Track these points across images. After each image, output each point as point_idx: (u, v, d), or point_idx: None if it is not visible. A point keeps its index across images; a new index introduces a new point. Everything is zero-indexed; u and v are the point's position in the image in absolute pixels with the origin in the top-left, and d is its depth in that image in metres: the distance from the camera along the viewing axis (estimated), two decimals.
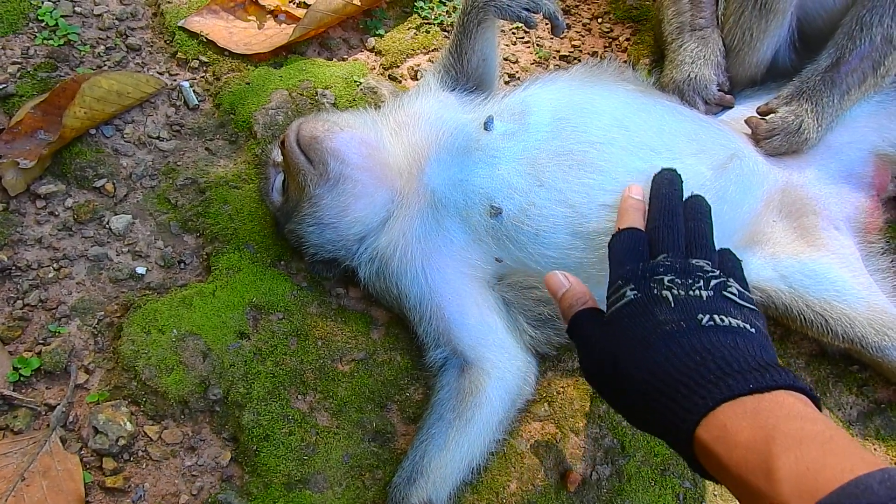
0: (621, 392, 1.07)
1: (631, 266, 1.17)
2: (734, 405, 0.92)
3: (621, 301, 1.12)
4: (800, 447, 0.83)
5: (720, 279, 1.12)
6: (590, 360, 1.15)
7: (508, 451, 1.51)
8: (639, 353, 1.04)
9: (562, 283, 1.26)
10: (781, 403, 0.91)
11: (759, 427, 0.88)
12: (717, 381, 0.94)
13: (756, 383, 0.93)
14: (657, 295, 1.09)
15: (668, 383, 0.98)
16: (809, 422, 0.88)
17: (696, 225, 1.26)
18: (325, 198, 1.49)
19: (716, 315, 1.04)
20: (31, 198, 1.68)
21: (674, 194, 1.31)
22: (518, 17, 1.55)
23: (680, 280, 1.10)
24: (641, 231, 1.26)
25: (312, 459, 1.45)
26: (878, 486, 0.74)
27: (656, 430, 1.03)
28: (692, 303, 1.06)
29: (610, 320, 1.13)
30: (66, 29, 1.92)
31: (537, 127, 1.51)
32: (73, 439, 1.44)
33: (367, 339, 1.61)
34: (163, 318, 1.52)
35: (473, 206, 1.48)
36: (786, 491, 0.80)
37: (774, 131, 1.60)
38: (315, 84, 1.90)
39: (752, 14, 1.65)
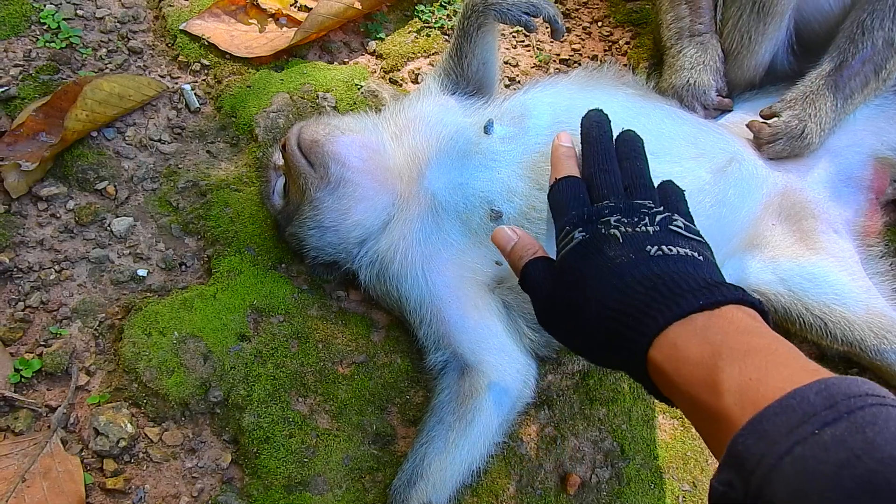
0: (577, 330, 1.08)
1: (576, 211, 1.16)
2: (684, 323, 0.93)
3: (571, 244, 1.12)
4: (744, 360, 0.84)
5: (665, 214, 1.12)
6: (544, 305, 1.16)
7: (508, 454, 1.52)
8: (591, 289, 1.04)
9: (510, 237, 1.25)
10: (730, 319, 0.91)
11: (708, 343, 0.88)
12: (668, 302, 0.95)
13: (705, 299, 0.94)
14: (605, 234, 1.09)
15: (621, 311, 0.99)
16: (756, 335, 0.88)
17: (632, 164, 1.25)
18: (325, 201, 1.50)
19: (664, 246, 1.05)
20: (33, 200, 1.68)
21: (604, 136, 1.30)
22: (518, 21, 1.56)
23: (626, 219, 1.11)
24: (578, 178, 1.24)
25: (313, 462, 1.45)
26: (815, 396, 0.74)
27: (614, 360, 1.05)
28: (640, 237, 1.07)
29: (560, 263, 1.13)
30: (67, 32, 1.92)
31: (537, 130, 1.52)
32: (73, 441, 1.44)
33: (368, 342, 1.61)
34: (164, 321, 1.53)
35: (474, 210, 1.48)
36: (729, 402, 0.80)
37: (777, 135, 1.60)
38: (316, 87, 1.91)
39: (751, 17, 1.66)
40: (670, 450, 1.56)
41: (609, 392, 1.60)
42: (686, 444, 1.57)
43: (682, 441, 1.57)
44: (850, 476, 0.67)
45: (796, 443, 0.72)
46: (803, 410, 0.74)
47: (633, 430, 1.56)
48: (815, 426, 0.72)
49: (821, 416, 0.72)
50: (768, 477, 0.72)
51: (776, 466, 0.72)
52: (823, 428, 0.71)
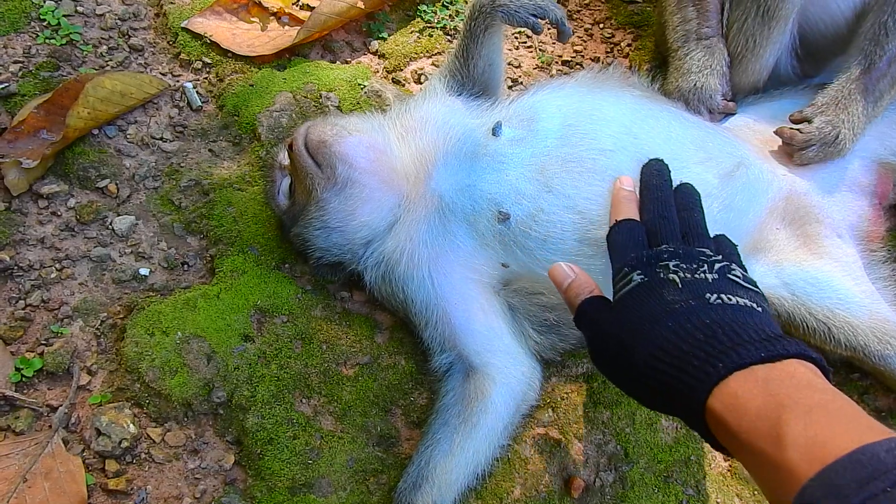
0: (631, 373, 1.07)
1: (635, 254, 1.17)
2: (746, 374, 0.93)
3: (629, 286, 1.13)
4: (809, 415, 0.84)
5: (724, 263, 1.13)
6: (598, 346, 1.15)
7: (513, 457, 1.51)
8: (648, 332, 1.04)
9: (567, 273, 1.26)
10: (792, 373, 0.92)
11: (770, 395, 0.88)
12: (728, 351, 0.95)
13: (767, 352, 0.94)
14: (664, 278, 1.10)
15: (678, 357, 0.99)
16: (819, 391, 0.89)
17: (689, 215, 1.28)
18: (332, 201, 1.49)
19: (723, 294, 1.05)
20: (34, 198, 1.66)
21: (664, 185, 1.33)
22: (525, 22, 1.55)
23: (685, 264, 1.11)
24: (638, 222, 1.27)
25: (317, 463, 1.45)
26: (885, 454, 0.75)
27: (668, 406, 1.04)
28: (699, 284, 1.08)
29: (617, 304, 1.14)
30: (68, 28, 1.91)
31: (546, 133, 1.51)
32: (75, 441, 1.43)
33: (372, 344, 1.60)
34: (166, 320, 1.51)
35: (481, 212, 1.48)
36: (794, 457, 0.81)
37: (811, 142, 1.60)
38: (319, 87, 1.90)
39: (756, 21, 1.67)
40: (674, 453, 1.56)
41: (613, 395, 1.59)
42: (689, 447, 1.57)
43: (685, 445, 1.57)
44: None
45: (867, 498, 0.72)
46: (874, 467, 0.74)
47: (636, 433, 1.56)
48: (886, 483, 0.72)
49: (893, 474, 0.73)
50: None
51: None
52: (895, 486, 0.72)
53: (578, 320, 1.21)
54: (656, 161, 1.39)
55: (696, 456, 1.56)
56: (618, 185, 1.37)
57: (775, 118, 1.71)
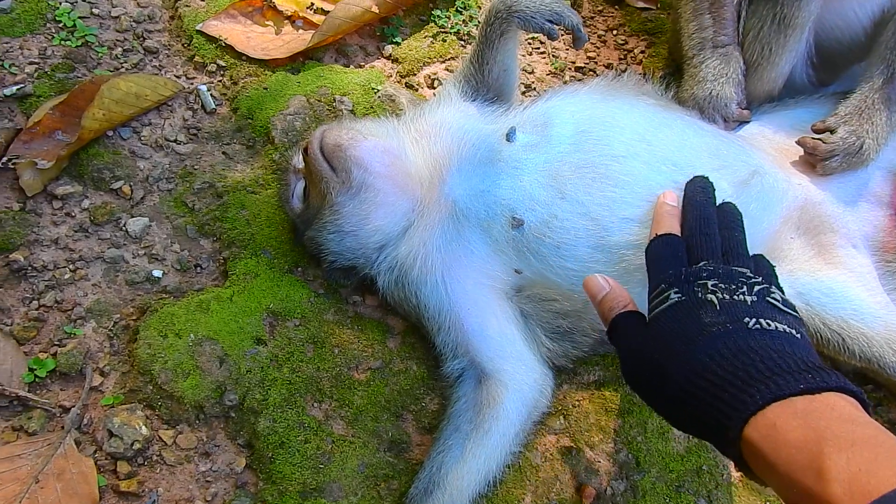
0: (664, 395, 1.06)
1: (674, 270, 1.16)
2: (784, 405, 0.91)
3: (665, 304, 1.11)
4: (852, 449, 0.83)
5: (763, 285, 1.11)
6: (631, 363, 1.13)
7: (524, 464, 1.51)
8: (684, 354, 1.02)
9: (602, 286, 1.24)
10: (832, 406, 0.90)
11: (810, 428, 0.87)
12: (767, 381, 0.93)
13: (807, 384, 0.92)
14: (702, 298, 1.08)
15: (714, 383, 0.97)
16: (861, 425, 0.88)
17: (731, 234, 1.27)
18: (346, 206, 1.49)
19: (762, 319, 1.03)
20: (48, 198, 1.67)
21: (707, 202, 1.33)
22: (541, 28, 1.55)
23: (724, 285, 1.10)
24: (678, 237, 1.26)
25: (328, 468, 1.44)
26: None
27: (702, 430, 1.02)
28: (738, 307, 1.06)
29: (653, 322, 1.12)
30: (83, 30, 1.91)
31: (560, 139, 1.51)
32: (87, 442, 1.43)
33: (384, 348, 1.60)
34: (179, 323, 1.51)
35: (495, 218, 1.48)
36: (838, 491, 0.80)
37: (834, 152, 1.59)
38: (333, 91, 1.90)
39: (772, 29, 1.66)
40: (686, 463, 1.55)
41: (625, 403, 1.59)
42: (702, 457, 1.56)
43: (697, 454, 1.57)
44: None
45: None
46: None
47: (648, 442, 1.56)
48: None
49: None
50: None
51: None
52: None
53: (611, 335, 1.19)
54: (701, 178, 1.38)
55: (709, 466, 1.55)
56: (661, 200, 1.37)
57: (791, 127, 1.71)
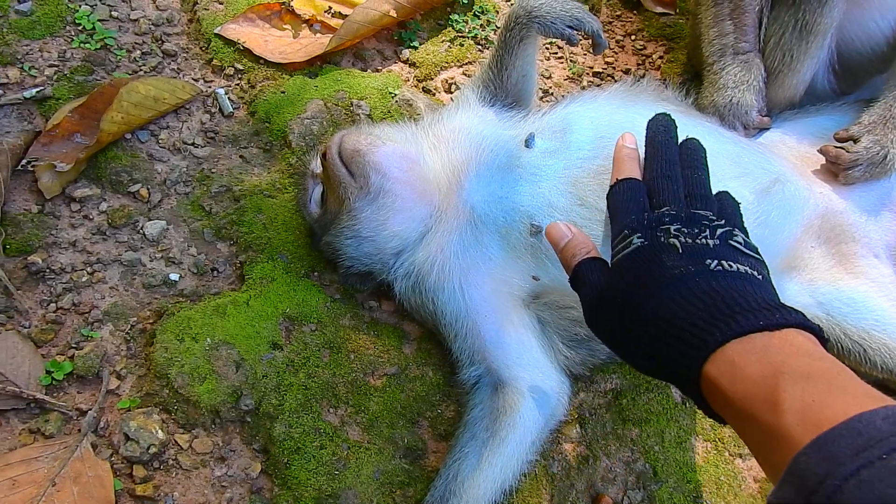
0: (627, 337, 1.07)
1: (636, 216, 1.15)
2: (743, 342, 0.92)
3: (628, 248, 1.11)
4: (806, 381, 0.84)
5: (726, 228, 1.11)
6: (593, 308, 1.14)
7: (540, 473, 1.50)
8: (646, 297, 1.04)
9: (564, 233, 1.24)
10: (791, 341, 0.91)
11: (767, 362, 0.88)
12: (727, 319, 0.94)
13: (766, 321, 0.93)
14: (664, 243, 1.08)
15: (675, 324, 0.98)
16: (817, 359, 0.88)
17: (694, 173, 1.24)
18: (364, 211, 1.49)
19: (724, 261, 1.04)
20: (66, 201, 1.67)
21: (670, 141, 1.30)
22: (561, 34, 1.55)
23: (686, 229, 1.10)
24: (640, 181, 1.24)
25: (343, 474, 1.44)
26: (882, 421, 0.74)
27: (664, 371, 1.04)
28: (700, 249, 1.06)
29: (615, 267, 1.12)
30: (102, 33, 1.92)
31: (579, 145, 1.50)
32: (103, 445, 1.43)
33: (400, 354, 1.60)
34: (196, 326, 1.51)
35: (513, 224, 1.47)
36: (790, 422, 0.81)
37: (857, 162, 1.57)
38: (350, 95, 1.90)
39: (793, 36, 1.65)
40: (703, 473, 1.54)
41: (642, 412, 1.57)
42: (720, 468, 1.54)
43: (715, 465, 1.55)
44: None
45: (863, 466, 0.72)
46: (870, 435, 0.74)
47: (665, 451, 1.54)
48: (882, 451, 0.72)
49: (889, 442, 0.72)
50: (832, 497, 0.72)
51: (840, 488, 0.72)
52: (892, 453, 0.71)
53: (574, 281, 1.19)
54: (663, 115, 1.35)
55: (727, 476, 1.54)
56: (620, 143, 1.33)
57: (812, 134, 1.69)
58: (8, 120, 1.74)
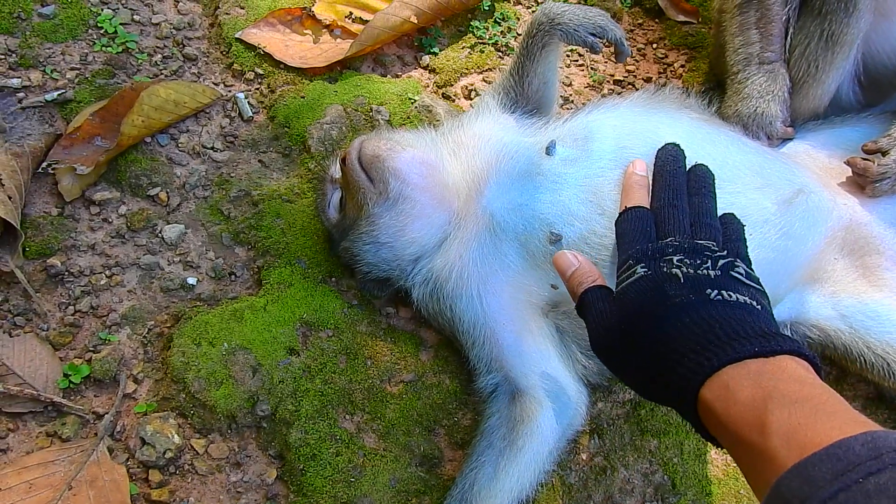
0: (629, 362, 1.12)
1: (641, 246, 1.20)
2: (738, 367, 0.96)
3: (632, 277, 1.15)
4: (794, 405, 0.87)
5: (727, 259, 1.15)
6: (598, 334, 1.17)
7: (557, 483, 1.48)
8: (648, 324, 1.08)
9: (571, 262, 1.28)
10: (784, 367, 0.95)
11: (759, 387, 0.92)
12: (724, 346, 0.98)
13: (760, 347, 0.97)
14: (667, 272, 1.12)
15: (675, 350, 1.02)
16: (808, 385, 0.92)
17: (700, 200, 1.29)
18: (383, 217, 1.48)
19: (724, 291, 1.07)
20: (86, 204, 1.68)
21: (678, 171, 1.34)
22: (584, 42, 1.53)
23: (689, 260, 1.14)
24: (647, 210, 1.29)
25: (359, 482, 1.43)
26: (860, 447, 0.77)
27: (663, 395, 1.07)
28: (701, 280, 1.10)
29: (620, 296, 1.16)
30: (124, 37, 1.93)
31: (600, 154, 1.49)
32: (119, 449, 1.43)
33: (417, 361, 1.59)
34: (213, 331, 1.51)
35: (533, 232, 1.46)
36: (776, 444, 0.84)
37: (886, 175, 1.55)
38: (370, 100, 1.89)
39: (818, 46, 1.62)
40: (723, 486, 1.51)
41: (661, 423, 1.56)
42: (739, 481, 1.52)
43: (734, 478, 1.53)
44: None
45: (840, 490, 0.74)
46: (848, 460, 0.76)
47: (684, 464, 1.52)
48: (859, 475, 0.74)
49: (865, 466, 0.75)
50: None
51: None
52: (868, 477, 0.74)
53: (579, 308, 1.23)
54: (672, 145, 1.39)
55: (747, 490, 1.51)
56: (630, 170, 1.38)
57: (837, 146, 1.67)
58: (29, 122, 1.75)
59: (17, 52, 1.84)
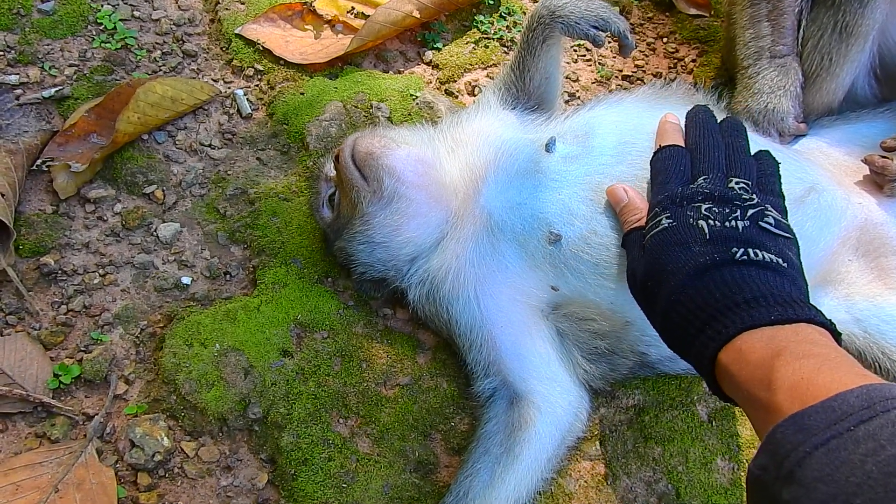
0: (652, 313, 1.15)
1: (670, 191, 1.20)
2: (754, 333, 0.98)
3: (657, 228, 1.16)
4: (800, 361, 0.89)
5: (758, 208, 1.14)
6: (631, 277, 1.21)
7: (556, 491, 1.44)
8: (671, 283, 1.08)
9: (621, 196, 1.32)
10: (798, 331, 0.96)
11: (770, 347, 0.94)
12: (742, 313, 0.99)
13: (777, 316, 0.98)
14: (692, 224, 1.12)
15: (696, 314, 1.03)
16: (819, 346, 0.93)
17: (734, 141, 1.30)
18: (377, 216, 1.44)
19: (750, 249, 1.07)
20: (81, 202, 1.66)
21: (710, 120, 1.35)
22: (586, 35, 1.48)
23: (717, 209, 1.14)
24: (683, 148, 1.30)
25: (351, 488, 1.39)
26: (855, 399, 0.79)
27: (683, 352, 1.09)
28: (728, 234, 1.10)
29: (647, 245, 1.18)
30: (123, 33, 1.91)
31: (601, 150, 1.44)
32: (109, 451, 1.41)
33: (413, 364, 1.55)
34: (206, 332, 1.48)
35: (531, 232, 1.41)
36: (781, 398, 0.86)
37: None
38: (370, 97, 1.86)
39: (832, 38, 1.56)
40: (730, 496, 1.46)
41: (665, 430, 1.50)
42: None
43: (741, 487, 1.47)
44: (874, 461, 0.73)
45: (832, 437, 0.77)
46: (843, 410, 0.79)
47: (689, 472, 1.47)
48: (851, 423, 0.77)
49: (858, 415, 0.78)
50: (801, 462, 0.77)
51: (810, 454, 0.77)
52: (859, 425, 0.77)
53: (623, 244, 1.29)
54: (702, 105, 1.42)
55: None
56: (664, 119, 1.39)
57: (852, 142, 1.61)
58: (26, 119, 1.74)
59: (16, 48, 1.82)
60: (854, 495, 0.72)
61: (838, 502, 0.72)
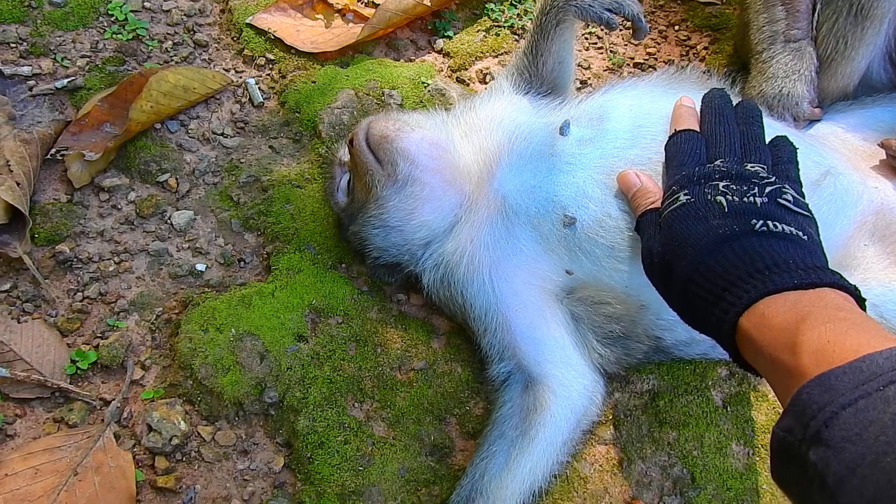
0: (671, 289, 1.13)
1: (687, 171, 1.20)
2: (776, 297, 0.97)
3: (674, 205, 1.16)
4: (825, 325, 0.87)
5: (775, 186, 1.13)
6: (647, 260, 1.20)
7: (571, 475, 1.44)
8: (689, 254, 1.08)
9: (633, 181, 1.32)
10: (822, 296, 0.95)
11: (795, 312, 0.92)
12: (763, 278, 0.99)
13: (800, 280, 0.97)
14: (710, 200, 1.12)
15: (716, 283, 1.03)
16: (844, 311, 0.92)
17: (749, 128, 1.29)
18: (392, 199, 1.44)
19: (769, 221, 1.07)
20: (95, 190, 1.67)
21: (725, 104, 1.34)
22: (599, 18, 1.48)
23: (735, 186, 1.13)
24: (697, 132, 1.29)
25: (368, 471, 1.40)
26: (884, 360, 0.78)
27: (701, 322, 1.08)
28: (746, 208, 1.09)
29: (663, 223, 1.17)
30: (135, 23, 1.91)
31: (616, 134, 1.44)
32: (126, 436, 1.41)
33: (428, 349, 1.55)
34: (221, 317, 1.49)
35: (546, 215, 1.41)
36: (806, 362, 0.84)
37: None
38: (382, 84, 1.86)
39: (847, 21, 1.56)
40: (745, 481, 1.46)
41: (680, 415, 1.50)
42: (762, 475, 1.46)
43: (756, 472, 1.47)
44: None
45: (860, 397, 0.76)
46: (871, 371, 0.77)
47: (704, 457, 1.47)
48: (880, 384, 0.76)
49: (887, 376, 0.76)
50: (828, 422, 0.76)
51: (837, 414, 0.76)
52: (888, 385, 0.75)
53: (637, 228, 1.28)
54: (717, 88, 1.41)
55: (769, 484, 1.45)
56: (678, 102, 1.39)
57: (867, 127, 1.60)
58: (39, 110, 1.75)
59: (28, 40, 1.83)
60: (885, 454, 0.71)
61: (867, 462, 0.71)
